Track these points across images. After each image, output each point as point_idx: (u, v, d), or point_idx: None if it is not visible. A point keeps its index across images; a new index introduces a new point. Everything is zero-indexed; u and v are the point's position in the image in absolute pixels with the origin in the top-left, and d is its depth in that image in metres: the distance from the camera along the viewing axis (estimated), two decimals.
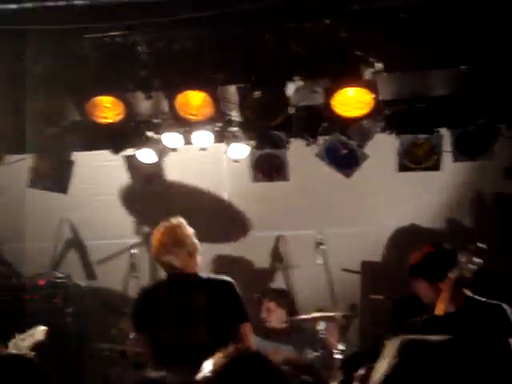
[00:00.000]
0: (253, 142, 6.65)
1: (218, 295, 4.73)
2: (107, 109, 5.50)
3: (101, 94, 5.43)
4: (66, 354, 6.48)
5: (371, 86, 5.21)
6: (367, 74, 5.27)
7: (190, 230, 4.92)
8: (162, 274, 7.53)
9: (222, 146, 6.65)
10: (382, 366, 1.84)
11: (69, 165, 6.65)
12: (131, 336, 6.25)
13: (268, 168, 6.72)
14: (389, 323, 6.33)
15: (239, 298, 4.76)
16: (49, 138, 6.37)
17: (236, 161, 6.75)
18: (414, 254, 4.70)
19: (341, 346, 5.80)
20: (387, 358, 1.85)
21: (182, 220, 4.94)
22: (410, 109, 6.23)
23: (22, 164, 6.60)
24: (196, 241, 4.92)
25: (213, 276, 4.97)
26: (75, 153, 6.76)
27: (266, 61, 5.30)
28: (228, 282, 4.79)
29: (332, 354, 5.90)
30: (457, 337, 1.89)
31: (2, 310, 6.81)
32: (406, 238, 7.18)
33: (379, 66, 5.32)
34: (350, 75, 5.22)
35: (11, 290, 6.97)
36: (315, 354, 6.06)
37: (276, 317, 6.60)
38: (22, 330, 4.76)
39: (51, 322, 6.70)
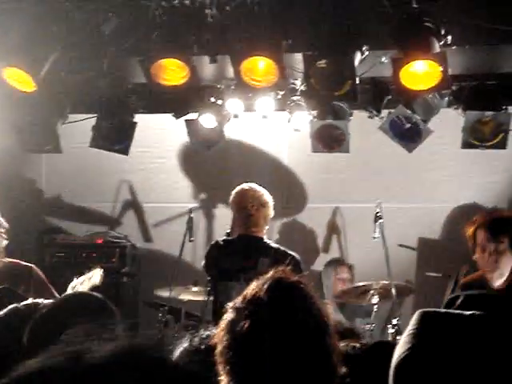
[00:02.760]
0: (314, 112, 6.59)
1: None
2: (172, 71, 5.48)
3: (166, 57, 5.41)
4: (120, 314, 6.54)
5: (441, 59, 5.07)
6: (437, 46, 5.15)
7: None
8: (218, 237, 7.66)
9: (284, 114, 6.62)
10: (401, 343, 1.66)
11: (131, 126, 6.67)
12: (185, 299, 6.31)
13: (328, 139, 6.64)
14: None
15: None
16: (113, 98, 6.40)
17: (297, 130, 6.72)
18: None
19: (394, 321, 5.75)
20: (405, 333, 1.69)
21: None
22: (478, 85, 6.09)
23: (86, 123, 6.65)
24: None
25: (282, 248, 5.05)
26: (137, 115, 6.78)
27: (335, 29, 5.22)
28: (296, 259, 4.88)
29: (385, 327, 5.86)
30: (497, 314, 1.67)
31: (61, 267, 6.94)
32: (466, 216, 7.05)
33: (450, 38, 5.20)
34: (419, 47, 5.10)
35: (69, 248, 7.09)
36: (367, 326, 6.03)
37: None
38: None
39: (107, 281, 6.85)
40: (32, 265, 4.81)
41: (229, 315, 1.92)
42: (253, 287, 1.96)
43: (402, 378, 1.56)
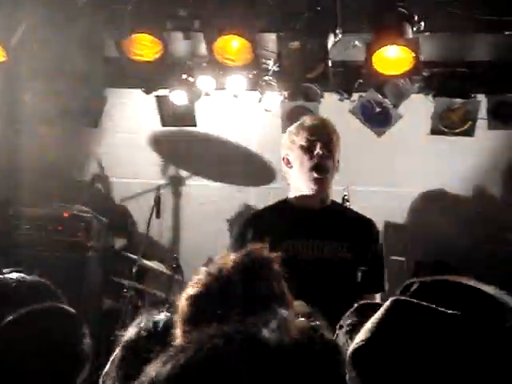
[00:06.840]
0: (286, 93, 6.59)
1: None
2: (144, 47, 5.44)
3: (139, 32, 5.37)
4: (86, 288, 6.53)
5: (413, 45, 5.09)
6: (410, 32, 5.17)
7: None
8: (185, 215, 7.58)
9: (255, 94, 6.61)
10: (367, 325, 1.57)
11: (101, 100, 6.62)
12: (150, 275, 6.32)
13: (299, 120, 6.64)
14: None
15: None
16: (84, 71, 6.33)
17: (268, 110, 6.71)
18: None
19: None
20: (371, 319, 1.58)
21: None
22: (448, 72, 6.15)
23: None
24: None
25: None
26: (108, 88, 6.73)
27: (310, 11, 5.22)
28: None
29: None
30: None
31: (27, 239, 6.87)
32: (432, 201, 7.14)
33: (423, 25, 5.23)
34: (392, 32, 5.12)
35: (36, 220, 7.01)
36: None
37: None
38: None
39: (73, 255, 6.82)
40: None
41: (192, 289, 1.84)
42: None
43: (355, 367, 1.54)
